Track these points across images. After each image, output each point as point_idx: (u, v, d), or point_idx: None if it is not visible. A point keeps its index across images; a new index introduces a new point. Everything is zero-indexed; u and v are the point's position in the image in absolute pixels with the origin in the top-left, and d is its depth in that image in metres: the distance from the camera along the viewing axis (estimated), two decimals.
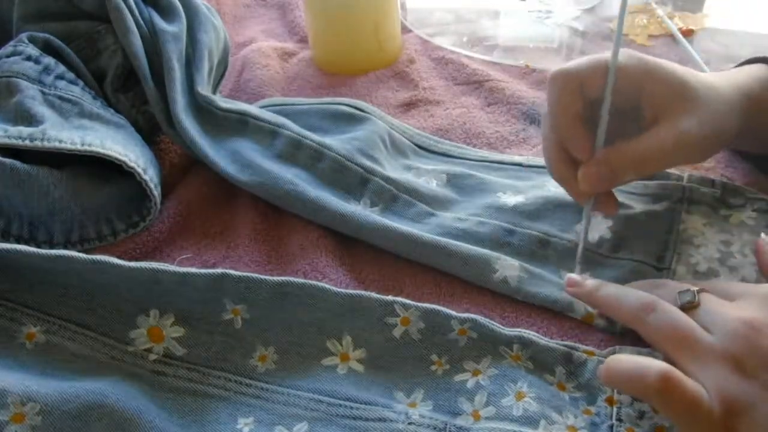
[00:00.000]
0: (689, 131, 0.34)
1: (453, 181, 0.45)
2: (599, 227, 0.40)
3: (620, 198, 0.41)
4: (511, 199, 0.43)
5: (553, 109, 0.37)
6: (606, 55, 0.36)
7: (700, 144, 0.35)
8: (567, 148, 0.37)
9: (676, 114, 0.35)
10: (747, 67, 0.40)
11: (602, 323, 0.36)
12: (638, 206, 0.41)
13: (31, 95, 0.40)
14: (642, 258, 0.39)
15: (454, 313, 0.34)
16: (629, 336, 0.36)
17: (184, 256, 0.41)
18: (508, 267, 0.38)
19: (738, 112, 0.37)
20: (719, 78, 0.38)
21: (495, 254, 0.39)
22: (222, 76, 0.53)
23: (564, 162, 0.38)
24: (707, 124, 0.35)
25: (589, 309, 0.36)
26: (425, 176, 0.45)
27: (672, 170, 0.44)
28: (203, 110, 0.47)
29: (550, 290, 0.37)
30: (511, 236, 0.40)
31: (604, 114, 0.36)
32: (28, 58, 0.42)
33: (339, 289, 0.35)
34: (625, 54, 0.36)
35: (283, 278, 0.35)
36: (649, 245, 0.39)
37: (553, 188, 0.43)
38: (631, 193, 0.43)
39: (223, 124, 0.47)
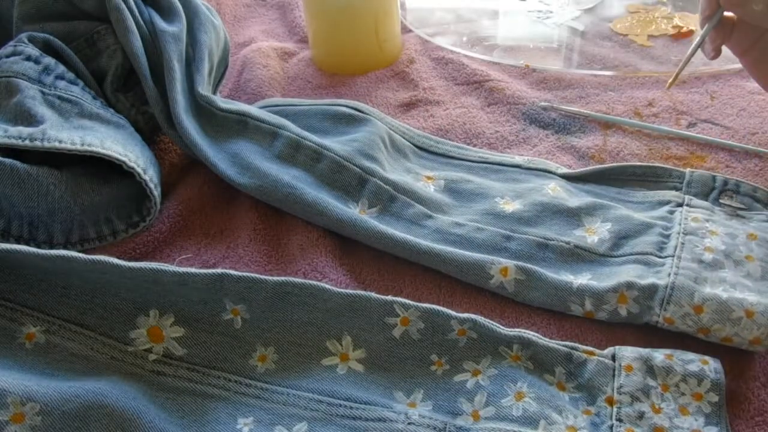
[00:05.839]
0: None
1: (451, 186, 0.45)
2: (598, 230, 0.40)
3: (619, 208, 0.41)
4: (509, 206, 0.42)
5: None
6: None
7: None
8: None
9: None
10: None
11: (605, 316, 0.36)
12: (638, 213, 0.41)
13: (31, 95, 0.40)
14: (643, 249, 0.39)
15: (453, 313, 0.34)
16: (629, 334, 0.36)
17: (184, 256, 0.41)
18: (504, 271, 0.38)
19: None
20: None
21: (489, 258, 0.38)
22: (222, 76, 0.53)
23: None
24: None
25: (588, 307, 0.36)
26: (423, 181, 0.45)
27: (673, 168, 0.44)
28: (203, 110, 0.47)
29: (548, 292, 0.37)
30: (509, 242, 0.40)
31: None
32: (28, 58, 0.42)
33: (339, 289, 0.35)
34: None
35: (283, 278, 0.35)
36: (651, 238, 0.39)
37: (550, 192, 0.43)
38: (630, 201, 0.43)
39: (223, 124, 0.47)
